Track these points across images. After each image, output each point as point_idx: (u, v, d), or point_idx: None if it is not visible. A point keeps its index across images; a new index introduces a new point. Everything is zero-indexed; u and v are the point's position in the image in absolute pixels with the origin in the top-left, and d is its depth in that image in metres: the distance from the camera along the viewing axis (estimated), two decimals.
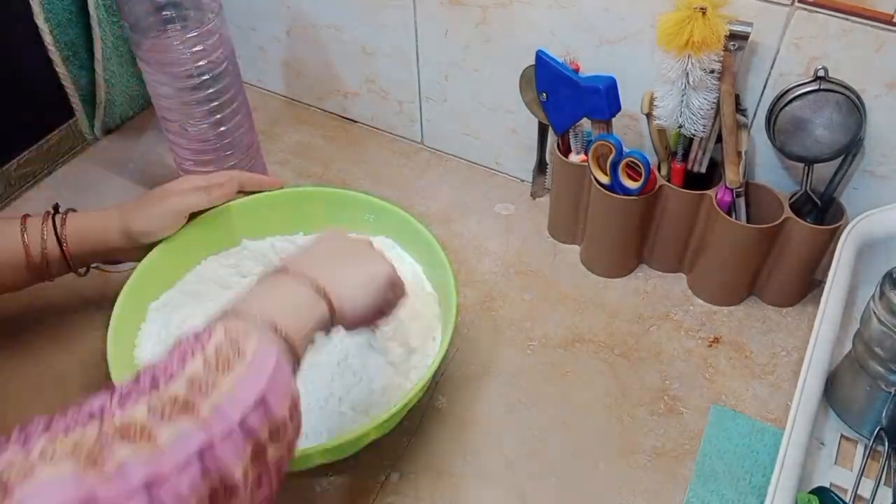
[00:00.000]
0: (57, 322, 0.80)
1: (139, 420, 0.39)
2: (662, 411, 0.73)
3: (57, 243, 0.69)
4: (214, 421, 0.41)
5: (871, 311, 0.62)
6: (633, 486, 0.67)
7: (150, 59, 0.78)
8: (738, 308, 0.81)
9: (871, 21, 0.65)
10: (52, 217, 0.70)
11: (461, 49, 0.88)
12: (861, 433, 0.69)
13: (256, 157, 0.91)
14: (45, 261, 0.69)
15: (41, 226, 0.69)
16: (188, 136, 0.83)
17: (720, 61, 0.68)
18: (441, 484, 0.68)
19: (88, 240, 0.70)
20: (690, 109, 0.70)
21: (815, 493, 0.61)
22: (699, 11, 0.64)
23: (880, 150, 0.71)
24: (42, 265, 0.69)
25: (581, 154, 0.82)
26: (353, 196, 0.80)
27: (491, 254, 0.88)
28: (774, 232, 0.74)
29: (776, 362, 0.76)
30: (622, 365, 0.77)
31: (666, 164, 0.79)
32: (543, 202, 0.93)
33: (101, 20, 0.90)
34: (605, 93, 0.74)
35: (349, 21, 0.94)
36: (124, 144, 1.03)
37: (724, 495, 0.66)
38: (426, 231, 0.74)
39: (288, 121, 1.07)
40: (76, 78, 0.94)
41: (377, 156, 1.02)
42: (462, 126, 0.97)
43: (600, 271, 0.85)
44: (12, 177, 0.95)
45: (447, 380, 0.75)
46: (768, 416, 0.72)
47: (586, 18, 0.77)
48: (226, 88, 0.81)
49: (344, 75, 1.01)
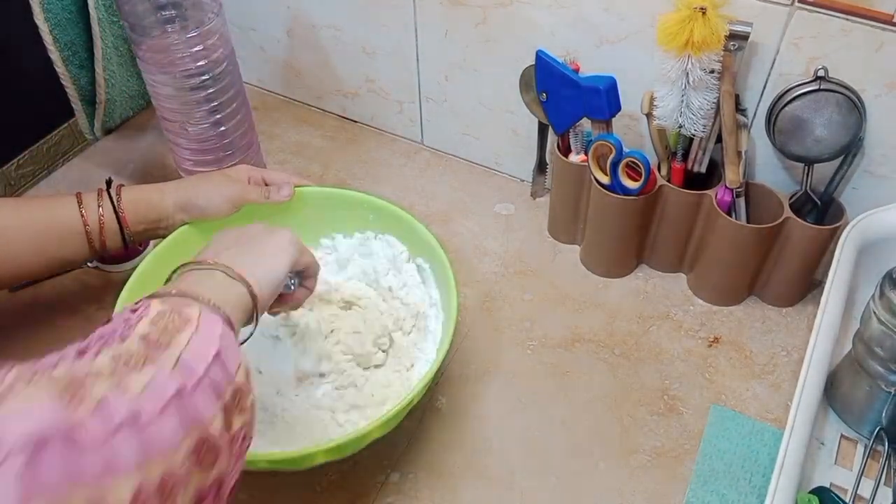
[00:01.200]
0: (57, 322, 0.80)
1: (105, 369, 0.38)
2: (662, 411, 0.73)
3: (114, 213, 0.70)
4: (181, 371, 0.41)
5: (871, 311, 0.62)
6: (633, 486, 0.67)
7: (150, 59, 0.78)
8: (738, 308, 0.82)
9: (871, 21, 0.65)
10: (107, 190, 0.71)
11: (461, 49, 0.88)
12: (861, 433, 0.69)
13: (256, 157, 0.91)
14: (102, 232, 0.70)
15: (97, 199, 0.70)
16: (188, 136, 0.83)
17: (720, 61, 0.68)
18: (441, 484, 0.68)
19: (142, 209, 0.72)
20: (690, 109, 0.70)
21: (815, 493, 0.61)
22: (699, 11, 0.64)
23: (880, 150, 0.71)
24: (100, 237, 0.70)
25: (581, 154, 0.82)
26: (353, 196, 0.80)
27: (491, 254, 0.88)
28: (774, 232, 0.74)
29: (776, 362, 0.77)
30: (622, 365, 0.77)
31: (666, 164, 0.79)
32: (543, 202, 0.93)
33: (101, 20, 0.90)
34: (605, 93, 0.74)
35: (349, 21, 0.94)
36: (124, 144, 1.03)
37: (724, 495, 0.66)
38: (426, 230, 0.74)
39: (288, 121, 1.07)
40: (76, 78, 0.94)
41: (377, 156, 1.02)
42: (462, 126, 0.97)
43: (600, 271, 0.85)
44: (12, 177, 0.95)
45: (447, 380, 0.75)
46: (768, 416, 0.72)
47: (586, 18, 0.77)
48: (226, 88, 0.81)
49: (344, 75, 1.01)
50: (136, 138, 1.04)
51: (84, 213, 0.69)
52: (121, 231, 0.71)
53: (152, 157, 1.01)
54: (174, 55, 0.77)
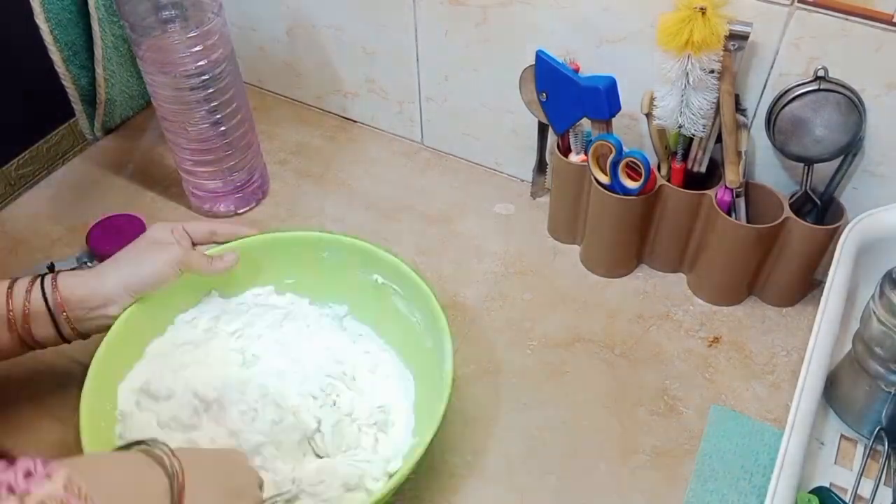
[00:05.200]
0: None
1: None
2: (662, 411, 0.73)
3: (43, 300, 0.64)
4: None
5: (871, 311, 0.62)
6: (633, 486, 0.67)
7: (150, 59, 0.78)
8: (738, 308, 0.82)
9: (870, 21, 0.65)
10: (42, 277, 0.65)
11: (461, 49, 0.88)
12: (861, 433, 0.69)
13: (256, 156, 0.92)
14: (25, 321, 0.63)
15: (28, 285, 0.64)
16: (188, 136, 0.83)
17: (720, 61, 0.68)
18: (441, 484, 0.68)
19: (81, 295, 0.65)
20: (690, 109, 0.70)
21: (815, 493, 0.61)
22: (699, 11, 0.64)
23: (880, 149, 0.71)
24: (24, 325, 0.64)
25: (581, 154, 0.82)
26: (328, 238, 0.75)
27: (491, 254, 0.88)
28: (774, 232, 0.74)
29: (776, 362, 0.77)
30: (622, 365, 0.77)
31: (666, 164, 0.79)
32: (543, 202, 0.93)
33: (101, 20, 0.90)
34: (605, 93, 0.74)
35: (349, 21, 0.94)
36: (124, 144, 1.03)
37: (724, 495, 0.66)
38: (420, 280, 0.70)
39: (288, 121, 1.07)
40: (76, 78, 0.94)
41: (377, 156, 1.02)
42: (462, 126, 0.97)
43: (600, 271, 0.85)
44: (12, 177, 0.95)
45: None
46: (768, 416, 0.72)
47: (586, 18, 0.77)
48: (226, 88, 0.81)
49: (344, 75, 1.01)
50: (136, 138, 1.04)
51: (10, 300, 0.63)
52: (52, 320, 0.64)
53: (152, 157, 1.01)
54: (174, 55, 0.77)
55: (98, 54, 0.92)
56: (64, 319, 0.64)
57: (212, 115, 0.82)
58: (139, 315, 0.68)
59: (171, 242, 0.69)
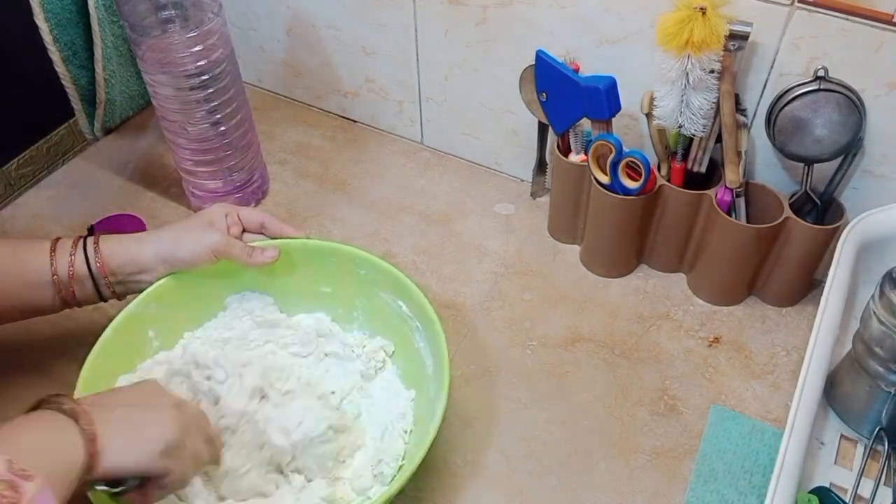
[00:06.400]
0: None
1: None
2: (662, 411, 0.73)
3: (86, 263, 0.67)
4: None
5: (871, 311, 0.62)
6: (633, 486, 0.67)
7: (150, 59, 0.78)
8: (738, 308, 0.82)
9: (871, 21, 0.65)
10: (84, 239, 0.68)
11: (461, 49, 0.88)
12: (861, 433, 0.69)
13: (256, 156, 0.92)
14: (71, 283, 0.67)
15: (71, 247, 0.67)
16: (188, 136, 0.83)
17: (720, 61, 0.68)
18: (441, 484, 0.68)
19: (120, 261, 0.68)
20: (690, 109, 0.70)
21: (815, 493, 0.61)
22: (699, 11, 0.64)
23: (880, 150, 0.71)
24: (69, 287, 0.67)
25: (581, 154, 0.82)
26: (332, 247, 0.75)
27: (491, 254, 0.88)
28: (774, 232, 0.74)
29: (776, 362, 0.77)
30: (622, 365, 0.77)
31: (666, 164, 0.79)
32: (543, 202, 0.93)
33: (101, 20, 0.90)
34: (605, 93, 0.74)
35: (349, 21, 0.94)
36: (124, 144, 1.03)
37: (724, 495, 0.66)
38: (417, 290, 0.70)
39: (288, 121, 1.07)
40: (76, 78, 0.94)
41: (377, 156, 1.02)
42: (462, 126, 0.97)
43: (600, 271, 0.85)
44: (12, 177, 0.96)
45: None
46: (768, 416, 0.72)
47: (586, 18, 0.77)
48: (226, 88, 0.81)
49: (344, 75, 1.01)
50: (136, 138, 1.04)
51: (54, 261, 0.66)
52: (94, 282, 0.68)
53: (152, 157, 1.01)
54: (174, 55, 0.77)
55: (98, 54, 0.92)
56: (105, 283, 0.68)
57: (212, 115, 0.82)
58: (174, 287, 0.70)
59: (219, 227, 0.72)
